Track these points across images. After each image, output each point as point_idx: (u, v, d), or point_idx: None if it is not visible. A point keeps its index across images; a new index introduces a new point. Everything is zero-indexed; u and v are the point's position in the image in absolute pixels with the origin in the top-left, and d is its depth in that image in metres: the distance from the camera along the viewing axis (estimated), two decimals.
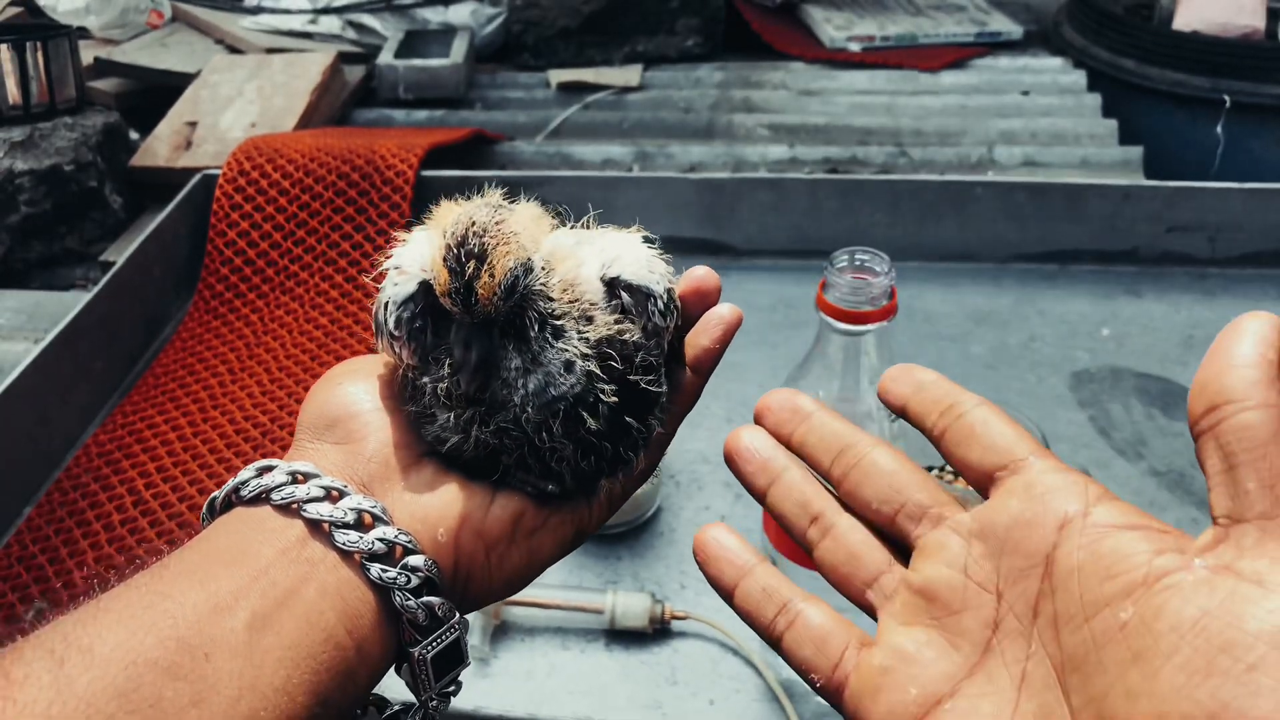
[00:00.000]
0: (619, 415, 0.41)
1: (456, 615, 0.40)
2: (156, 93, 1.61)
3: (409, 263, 0.42)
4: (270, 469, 0.39)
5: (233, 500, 0.40)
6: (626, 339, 0.41)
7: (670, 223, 1.23)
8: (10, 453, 0.91)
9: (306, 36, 1.80)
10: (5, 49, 1.31)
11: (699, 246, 1.25)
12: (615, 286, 0.42)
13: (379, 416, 0.42)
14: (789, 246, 1.24)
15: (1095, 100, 1.63)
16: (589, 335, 0.40)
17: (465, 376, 0.39)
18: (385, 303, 0.42)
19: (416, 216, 1.18)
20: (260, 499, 0.39)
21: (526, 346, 0.40)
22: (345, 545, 0.38)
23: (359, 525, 0.38)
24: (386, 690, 0.42)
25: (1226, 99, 1.58)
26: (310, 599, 0.36)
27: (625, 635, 0.79)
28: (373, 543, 0.38)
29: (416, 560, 0.39)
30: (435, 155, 1.26)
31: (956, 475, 0.72)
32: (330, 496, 0.39)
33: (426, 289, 0.41)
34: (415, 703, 0.41)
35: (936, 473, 0.76)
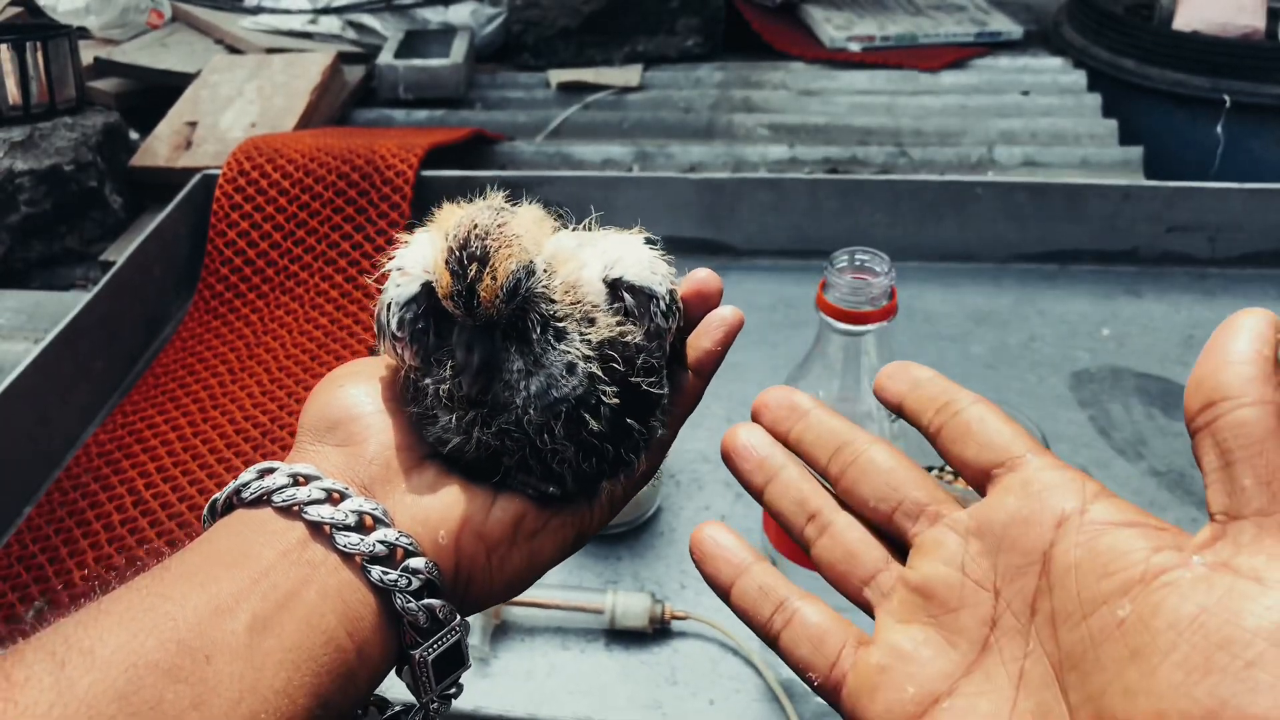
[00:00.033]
0: (620, 417, 0.41)
1: (457, 617, 0.40)
2: (156, 93, 1.60)
3: (411, 264, 0.42)
4: (271, 471, 0.39)
5: (234, 502, 0.40)
6: (628, 341, 0.41)
7: (670, 223, 1.23)
8: (10, 453, 0.91)
9: (306, 36, 1.80)
10: (5, 49, 1.31)
11: (699, 246, 1.25)
12: (617, 288, 0.42)
13: (380, 419, 0.42)
14: (789, 246, 1.24)
15: (1095, 100, 1.63)
16: (591, 337, 0.40)
17: (467, 379, 0.39)
18: (388, 304, 0.42)
19: (416, 216, 1.18)
20: (261, 501, 0.39)
21: (529, 348, 0.40)
22: (346, 547, 0.38)
23: (360, 527, 0.38)
24: (387, 692, 0.42)
25: (1226, 99, 1.58)
26: (311, 601, 0.36)
27: (625, 635, 0.79)
28: (374, 545, 0.38)
29: (417, 562, 0.39)
30: (435, 155, 1.25)
31: (956, 475, 0.72)
32: (331, 499, 0.39)
33: (429, 290, 0.41)
34: (416, 704, 0.41)
35: (936, 473, 0.76)
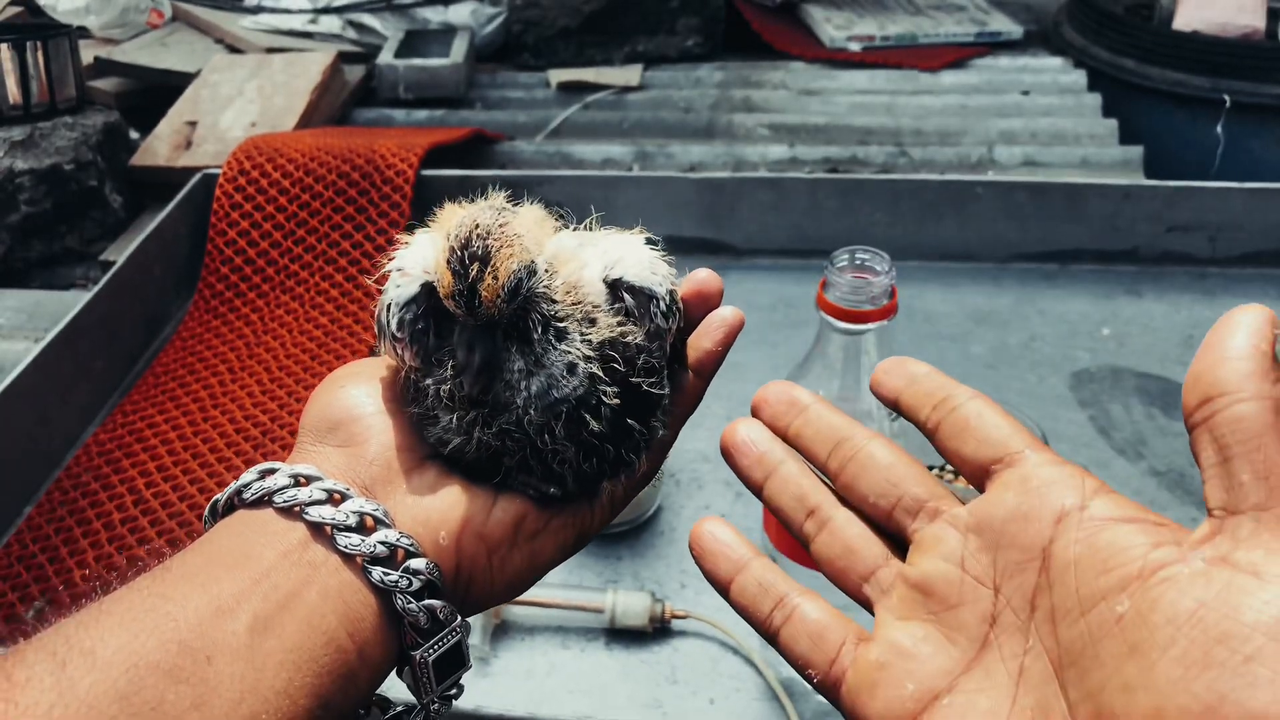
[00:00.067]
0: (621, 417, 0.41)
1: (458, 618, 0.40)
2: (156, 92, 1.61)
3: (411, 265, 0.42)
4: (273, 472, 0.39)
5: (235, 503, 0.40)
6: (629, 341, 0.41)
7: (670, 222, 1.23)
8: (10, 453, 0.91)
9: (306, 36, 1.80)
10: (5, 49, 1.31)
11: (699, 246, 1.25)
12: (618, 288, 0.42)
13: (381, 419, 0.42)
14: (789, 246, 1.24)
15: (1095, 100, 1.62)
16: (592, 337, 0.40)
17: (468, 379, 0.39)
18: (388, 305, 0.42)
19: (416, 216, 1.18)
20: (262, 502, 0.39)
21: (529, 349, 0.40)
22: (347, 548, 0.38)
23: (361, 528, 0.38)
24: (389, 692, 0.42)
25: (1226, 99, 1.58)
26: (312, 602, 0.36)
27: (625, 634, 0.79)
28: (374, 546, 0.38)
29: (418, 563, 0.39)
30: (435, 155, 1.25)
31: (957, 474, 0.72)
32: (332, 499, 0.39)
33: (429, 291, 0.41)
34: (418, 704, 0.41)
35: (937, 472, 0.76)
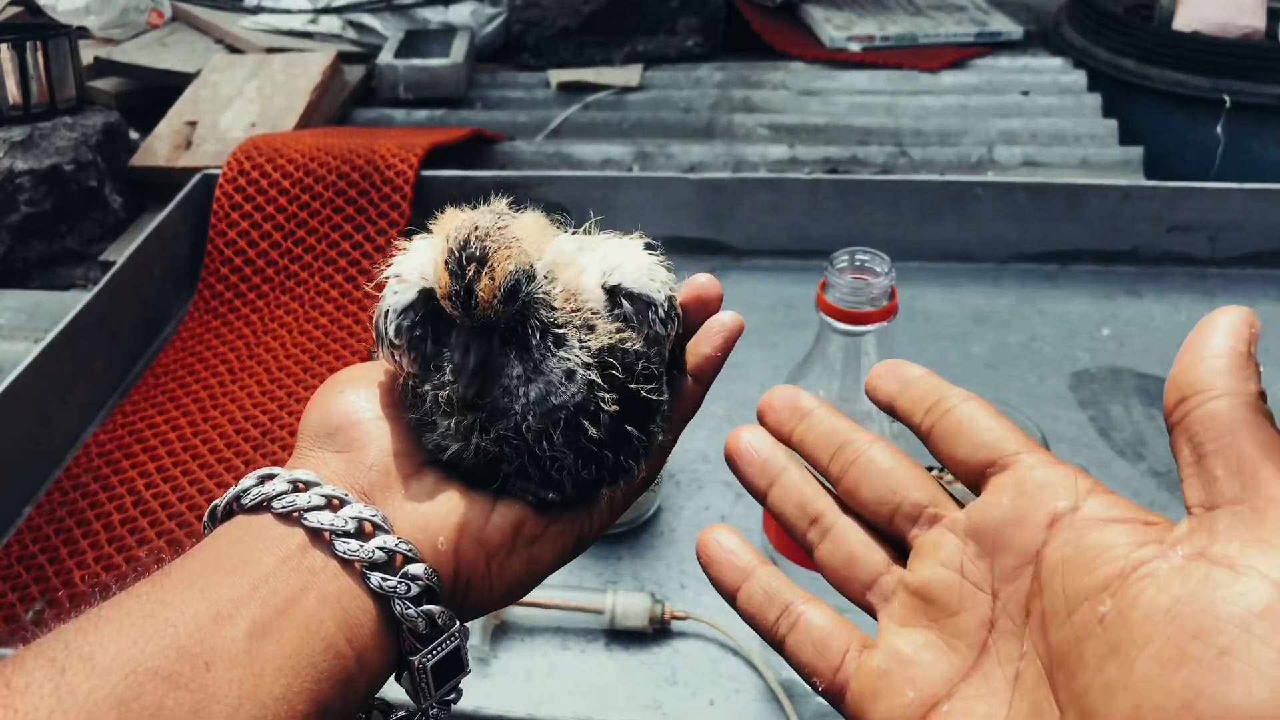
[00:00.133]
0: (620, 424, 0.41)
1: (456, 623, 0.40)
2: (156, 92, 1.60)
3: (409, 271, 0.42)
4: (271, 477, 0.39)
5: (234, 508, 0.40)
6: (628, 348, 0.41)
7: (670, 223, 1.23)
8: (10, 453, 0.91)
9: (306, 36, 1.80)
10: (5, 49, 1.31)
11: (699, 246, 1.25)
12: (616, 295, 0.42)
13: (380, 425, 0.42)
14: (789, 246, 1.24)
15: (1095, 100, 1.62)
16: (590, 344, 0.40)
17: (464, 381, 0.39)
18: (385, 311, 0.42)
19: (416, 216, 1.18)
20: (261, 507, 0.39)
21: (528, 355, 0.40)
22: (346, 554, 0.38)
23: (359, 534, 0.38)
24: (389, 696, 0.42)
25: (1226, 99, 1.58)
26: (310, 607, 0.36)
27: (625, 635, 0.79)
28: (373, 551, 0.38)
29: (417, 569, 0.39)
30: (435, 155, 1.25)
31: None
32: (331, 505, 0.39)
33: (426, 297, 0.41)
34: (418, 709, 0.41)
35: (937, 473, 0.76)
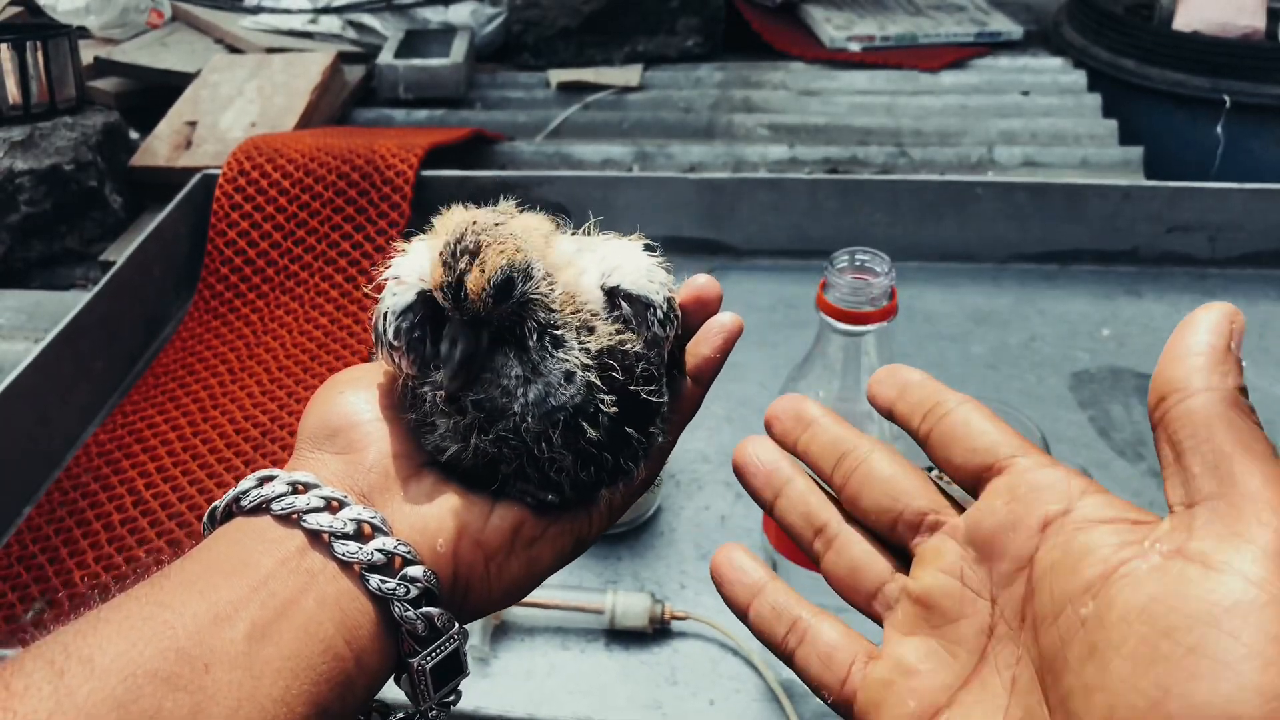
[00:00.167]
0: (619, 426, 0.40)
1: (455, 626, 0.40)
2: (156, 92, 1.60)
3: (407, 273, 0.42)
4: (271, 479, 0.39)
5: (233, 510, 0.40)
6: (627, 349, 0.41)
7: (670, 223, 1.23)
8: (10, 453, 0.91)
9: (306, 36, 1.80)
10: (5, 49, 1.31)
11: (699, 246, 1.25)
12: (615, 296, 0.42)
13: (379, 426, 0.42)
14: (789, 246, 1.24)
15: (1095, 100, 1.62)
16: (590, 345, 0.40)
17: (449, 373, 0.39)
18: (384, 313, 0.42)
19: (416, 216, 1.18)
20: (261, 509, 0.39)
21: (526, 356, 0.40)
22: (345, 556, 0.38)
23: (358, 536, 0.38)
24: (388, 697, 0.42)
25: (1226, 99, 1.58)
26: (309, 609, 0.36)
27: (625, 635, 0.79)
28: (372, 553, 0.38)
29: (415, 571, 0.39)
30: (435, 155, 1.25)
31: None
32: (330, 507, 0.39)
33: (425, 299, 0.41)
34: (417, 710, 0.41)
35: (938, 474, 0.76)
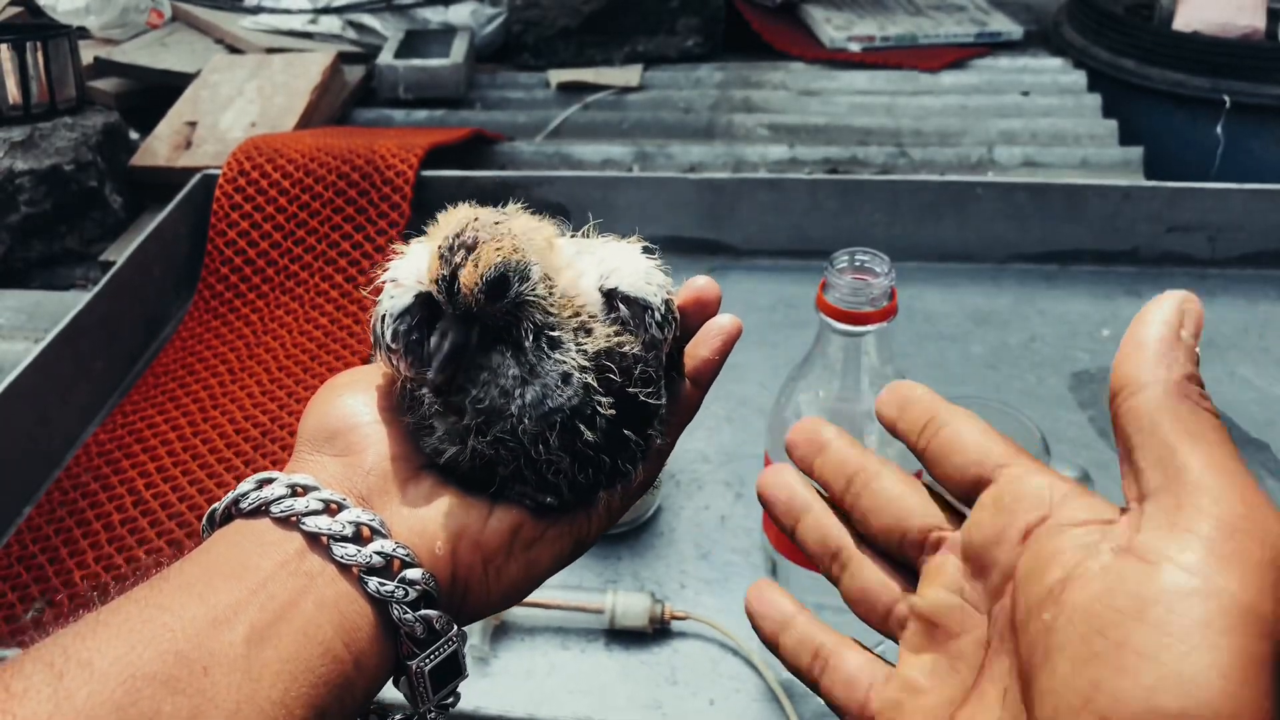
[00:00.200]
0: (617, 427, 0.40)
1: (454, 628, 0.40)
2: (156, 93, 1.61)
3: (405, 275, 0.42)
4: (270, 481, 0.40)
5: (232, 512, 0.40)
6: (625, 351, 0.41)
7: (670, 223, 1.23)
8: (10, 453, 0.91)
9: (306, 36, 1.80)
10: (5, 49, 1.31)
11: (699, 246, 1.25)
12: (613, 298, 0.42)
13: (378, 429, 0.42)
14: (789, 246, 1.24)
15: (1095, 100, 1.62)
16: (587, 347, 0.40)
17: (435, 365, 0.39)
18: (382, 315, 0.42)
19: (416, 216, 1.18)
20: (260, 511, 0.39)
21: (524, 357, 0.40)
22: (343, 559, 0.38)
23: (357, 538, 0.38)
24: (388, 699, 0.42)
25: (1226, 99, 1.58)
26: (308, 612, 0.37)
27: (625, 635, 0.79)
28: (370, 556, 0.38)
29: (414, 573, 0.39)
30: (435, 155, 1.25)
31: None
32: (329, 510, 0.39)
33: (423, 301, 0.41)
34: (415, 712, 0.41)
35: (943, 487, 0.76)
